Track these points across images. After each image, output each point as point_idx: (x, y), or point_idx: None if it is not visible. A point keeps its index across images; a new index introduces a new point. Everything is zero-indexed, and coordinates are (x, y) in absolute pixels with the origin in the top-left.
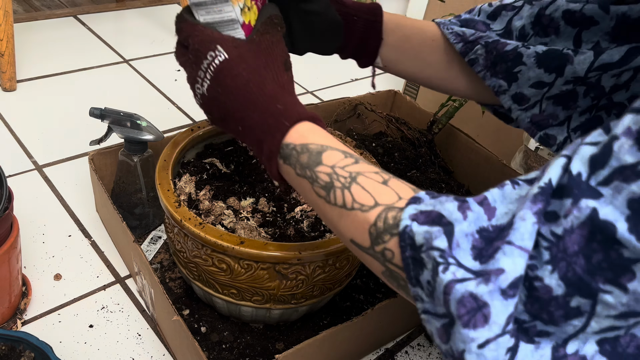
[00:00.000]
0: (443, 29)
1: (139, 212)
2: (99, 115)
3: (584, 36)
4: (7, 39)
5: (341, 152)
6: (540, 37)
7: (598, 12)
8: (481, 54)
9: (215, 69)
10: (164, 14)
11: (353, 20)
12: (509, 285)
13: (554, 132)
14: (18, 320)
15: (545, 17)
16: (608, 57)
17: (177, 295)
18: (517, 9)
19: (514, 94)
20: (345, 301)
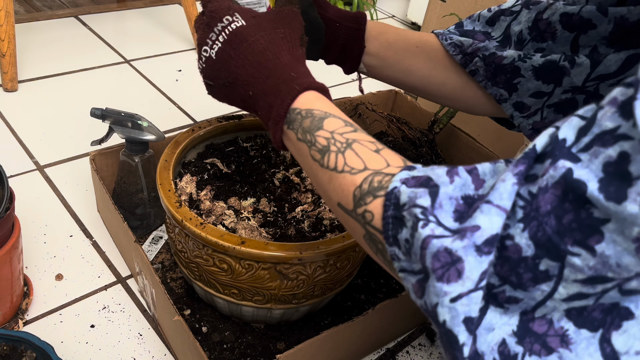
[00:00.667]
0: (441, 39)
1: (140, 212)
2: (100, 115)
3: (581, 41)
4: (8, 40)
5: (342, 121)
6: (537, 42)
7: (596, 14)
8: (480, 65)
9: (230, 32)
10: (165, 14)
11: (335, 26)
12: (484, 242)
13: None
14: (20, 321)
15: (542, 21)
16: (604, 68)
17: (178, 295)
18: (515, 13)
19: (514, 102)
20: (347, 301)
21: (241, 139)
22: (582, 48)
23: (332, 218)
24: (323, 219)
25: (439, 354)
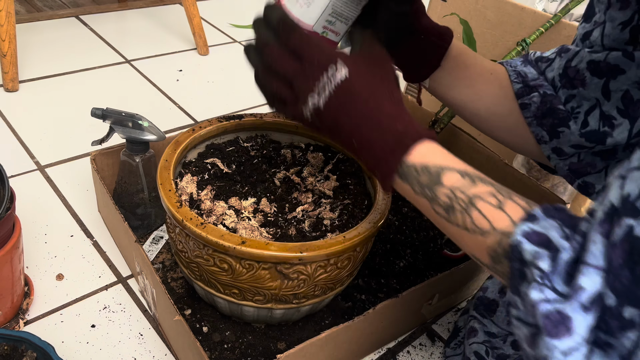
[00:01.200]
0: (507, 66)
1: (140, 212)
2: (100, 115)
3: (611, 86)
4: (9, 40)
5: (458, 173)
6: (567, 89)
7: (623, 60)
8: (536, 101)
9: (337, 84)
10: (166, 14)
11: (419, 38)
12: (589, 300)
13: (592, 180)
14: (20, 320)
15: (571, 69)
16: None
17: (178, 295)
18: (550, 61)
19: (554, 147)
20: (347, 301)
21: (242, 139)
22: (613, 93)
23: (333, 218)
24: (324, 219)
25: (439, 353)
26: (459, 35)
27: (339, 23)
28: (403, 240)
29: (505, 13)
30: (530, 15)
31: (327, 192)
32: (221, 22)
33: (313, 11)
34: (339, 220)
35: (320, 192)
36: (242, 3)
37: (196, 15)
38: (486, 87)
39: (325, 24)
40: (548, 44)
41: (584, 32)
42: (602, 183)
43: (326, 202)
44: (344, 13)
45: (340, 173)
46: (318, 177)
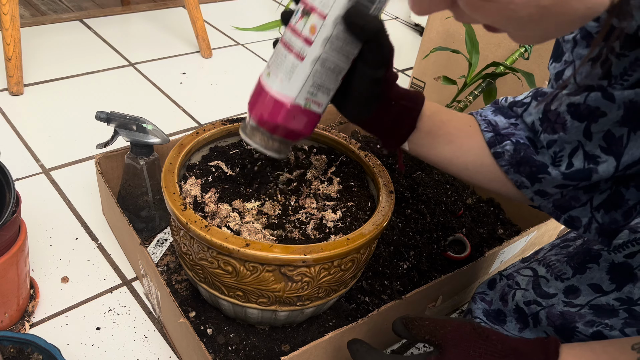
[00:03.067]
0: (476, 115)
1: (145, 214)
2: (105, 119)
3: (593, 128)
4: (14, 44)
5: None
6: (548, 134)
7: (603, 102)
8: (509, 149)
9: None
10: (169, 17)
11: (390, 105)
12: None
13: (577, 214)
14: (26, 323)
15: (551, 112)
16: (629, 157)
17: (183, 298)
18: (526, 105)
19: (536, 190)
20: (351, 303)
21: (245, 142)
22: (595, 134)
23: (336, 220)
24: (327, 221)
25: None
26: (461, 37)
27: (320, 94)
28: (406, 242)
29: None
30: None
31: (330, 194)
32: (224, 25)
33: (294, 84)
34: (342, 222)
35: (324, 195)
36: (245, 6)
37: (199, 18)
38: (467, 140)
39: (308, 95)
40: (550, 45)
41: (556, 72)
42: (587, 216)
43: (329, 204)
44: (324, 84)
45: (344, 175)
46: (321, 179)
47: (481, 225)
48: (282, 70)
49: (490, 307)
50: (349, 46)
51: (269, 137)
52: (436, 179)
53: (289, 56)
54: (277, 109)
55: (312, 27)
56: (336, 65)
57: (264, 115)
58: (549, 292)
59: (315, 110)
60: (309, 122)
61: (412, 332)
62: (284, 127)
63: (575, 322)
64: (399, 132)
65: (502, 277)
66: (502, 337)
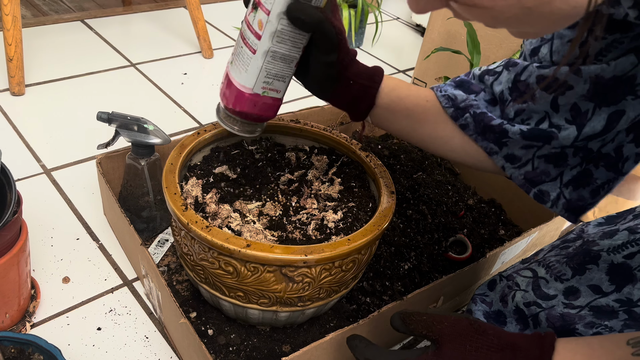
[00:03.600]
0: (436, 91)
1: (146, 215)
2: (106, 119)
3: (560, 100)
4: (15, 44)
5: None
6: (517, 103)
7: (571, 76)
8: (470, 121)
9: None
10: (171, 17)
11: (348, 84)
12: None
13: (547, 188)
14: (27, 323)
15: (521, 82)
16: (590, 129)
17: (184, 298)
18: (497, 74)
19: (505, 154)
20: (352, 304)
21: (246, 142)
22: (562, 107)
23: (337, 221)
24: (328, 222)
25: None
26: (463, 37)
27: (276, 82)
28: (407, 242)
29: None
30: None
31: (331, 195)
32: (225, 25)
33: (250, 76)
34: (343, 223)
35: (325, 195)
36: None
37: (201, 19)
38: (423, 114)
39: (264, 85)
40: None
41: (532, 48)
42: (556, 191)
43: (331, 205)
44: (279, 73)
45: (345, 176)
46: (322, 180)
47: (482, 226)
48: (240, 61)
49: (490, 308)
50: (297, 37)
51: (239, 121)
52: (437, 180)
53: (244, 49)
54: (239, 98)
55: (259, 22)
56: (286, 55)
57: (230, 103)
58: (549, 293)
59: (274, 96)
60: (270, 107)
61: (410, 327)
62: (248, 113)
63: (575, 324)
64: (359, 109)
65: (502, 278)
66: (498, 332)
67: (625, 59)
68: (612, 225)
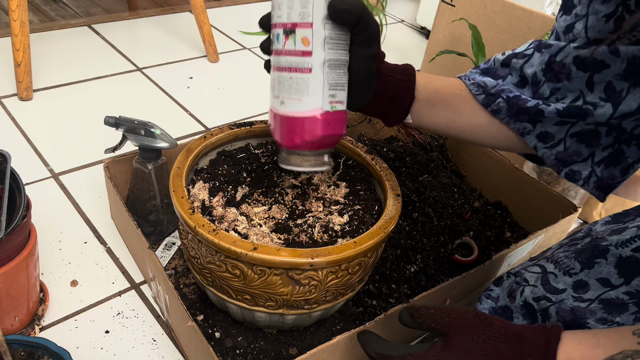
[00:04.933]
0: (465, 80)
1: (153, 218)
2: (113, 123)
3: (595, 78)
4: (23, 49)
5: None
6: (552, 82)
7: (609, 55)
8: (503, 106)
9: None
10: (176, 21)
11: (387, 80)
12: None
13: (578, 168)
14: (36, 326)
15: (556, 63)
16: (626, 107)
17: (191, 301)
18: (528, 57)
19: (538, 133)
20: (358, 306)
21: (252, 146)
22: (597, 84)
23: (343, 224)
24: (334, 225)
25: None
26: (468, 40)
27: (338, 92)
28: (414, 245)
29: (514, 17)
30: (539, 20)
31: (337, 198)
32: (231, 29)
33: (315, 95)
34: (349, 226)
35: (331, 198)
36: (251, 10)
37: (206, 23)
38: (460, 103)
39: (330, 99)
40: None
41: (566, 25)
42: (588, 170)
43: (336, 208)
44: (338, 81)
45: (350, 179)
46: (328, 183)
47: (488, 228)
48: (296, 91)
49: (497, 303)
50: (343, 37)
51: (313, 154)
52: (443, 182)
53: (296, 75)
54: (311, 125)
55: (304, 40)
56: (339, 60)
57: (303, 137)
58: (558, 287)
59: (341, 109)
60: (341, 121)
61: (418, 321)
62: (325, 136)
63: (586, 319)
64: (402, 105)
65: (510, 275)
66: (504, 323)
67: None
68: (620, 224)
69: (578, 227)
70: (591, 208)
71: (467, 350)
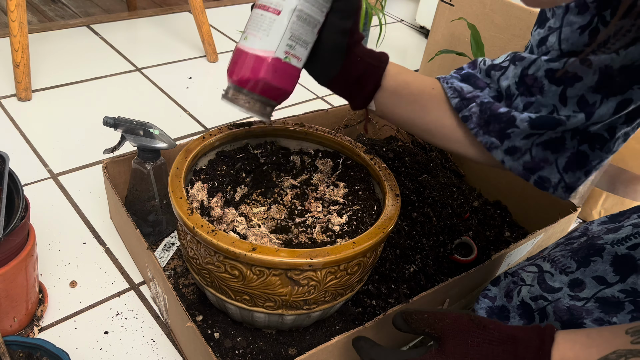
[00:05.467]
0: (442, 82)
1: (152, 219)
2: (112, 124)
3: (568, 92)
4: (22, 50)
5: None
6: (525, 96)
7: (581, 68)
8: (475, 112)
9: None
10: (175, 22)
11: (355, 60)
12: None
13: (546, 174)
14: (35, 327)
15: (528, 77)
16: (598, 117)
17: (190, 302)
18: (504, 69)
19: (506, 148)
20: (358, 306)
21: (251, 146)
22: (570, 98)
23: (342, 224)
24: (333, 225)
25: None
26: (467, 39)
27: (299, 47)
28: (413, 245)
29: (513, 16)
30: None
31: (336, 198)
32: (230, 29)
33: (273, 38)
34: (348, 226)
35: (330, 198)
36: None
37: (205, 23)
38: (430, 101)
39: (287, 48)
40: None
41: (540, 38)
42: (556, 177)
43: (335, 208)
44: (302, 36)
45: (349, 179)
46: (327, 183)
47: (488, 228)
48: (260, 28)
49: (494, 303)
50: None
51: (252, 96)
52: (442, 182)
53: (266, 14)
54: (258, 65)
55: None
56: (311, 16)
57: (245, 74)
58: (554, 286)
59: (295, 65)
60: (290, 77)
61: (412, 326)
62: (266, 82)
63: (582, 318)
64: (366, 89)
65: (507, 275)
66: (499, 326)
67: (634, 48)
68: (616, 223)
69: (576, 226)
70: (590, 207)
71: (462, 355)
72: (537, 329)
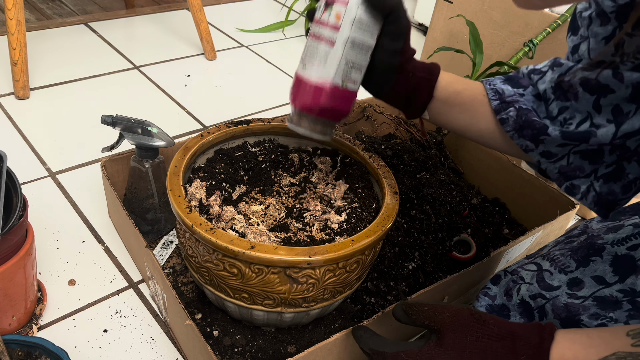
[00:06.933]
0: (485, 84)
1: (151, 217)
2: (110, 122)
3: (602, 102)
4: (19, 48)
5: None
6: (561, 101)
7: (613, 80)
8: (512, 115)
9: None
10: (173, 19)
11: (407, 76)
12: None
13: (579, 183)
14: (34, 326)
15: (564, 82)
16: (629, 127)
17: (189, 300)
18: (543, 73)
19: (541, 152)
20: (356, 304)
21: (250, 144)
22: (604, 107)
23: (341, 221)
24: (332, 223)
25: None
26: (465, 36)
27: (354, 72)
28: (412, 242)
29: (512, 14)
30: (536, 16)
31: (335, 195)
32: (228, 27)
33: (330, 67)
34: (347, 224)
35: (329, 196)
36: (248, 8)
37: (203, 21)
38: (481, 108)
39: (343, 75)
40: (555, 44)
41: (573, 45)
42: (587, 184)
43: (334, 206)
44: (356, 62)
45: (348, 177)
46: (326, 181)
47: (486, 225)
48: (316, 59)
49: (494, 301)
50: (372, 24)
51: (313, 120)
52: (441, 179)
53: (321, 45)
54: (317, 92)
55: (337, 15)
56: (363, 43)
57: (307, 102)
58: (553, 284)
59: (351, 89)
60: (348, 100)
61: (412, 318)
62: (327, 107)
63: (579, 315)
64: (418, 101)
65: (507, 273)
66: (499, 321)
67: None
68: (616, 222)
69: (575, 223)
70: None
71: (460, 349)
72: (537, 326)
